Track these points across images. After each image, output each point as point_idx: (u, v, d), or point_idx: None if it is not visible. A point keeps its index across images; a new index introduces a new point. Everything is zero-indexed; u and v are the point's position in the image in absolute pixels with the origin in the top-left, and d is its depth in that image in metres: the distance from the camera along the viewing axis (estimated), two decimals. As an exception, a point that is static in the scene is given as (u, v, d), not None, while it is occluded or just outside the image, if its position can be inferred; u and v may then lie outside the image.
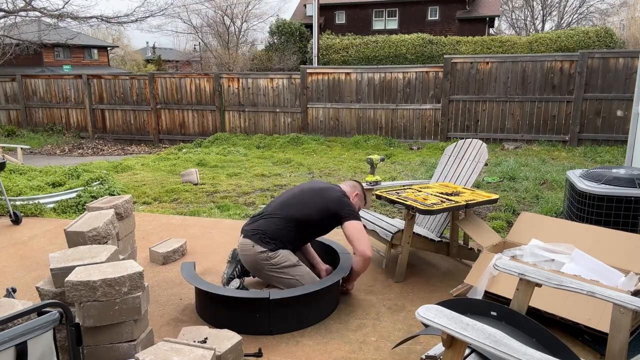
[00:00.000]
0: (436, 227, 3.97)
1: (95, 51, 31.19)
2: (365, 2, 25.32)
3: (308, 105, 11.20)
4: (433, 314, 1.65)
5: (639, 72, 4.96)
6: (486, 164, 3.97)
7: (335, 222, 3.10)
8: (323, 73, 11.08)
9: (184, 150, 10.65)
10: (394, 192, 3.60)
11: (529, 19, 35.27)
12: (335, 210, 3.05)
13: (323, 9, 23.88)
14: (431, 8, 24.81)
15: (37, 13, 15.20)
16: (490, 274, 2.94)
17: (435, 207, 3.18)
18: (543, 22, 34.74)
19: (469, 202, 3.33)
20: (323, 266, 3.30)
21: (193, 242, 4.37)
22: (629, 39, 19.09)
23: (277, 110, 11.48)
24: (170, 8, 33.61)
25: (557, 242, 3.13)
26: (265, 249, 2.97)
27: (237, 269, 3.25)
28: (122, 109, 12.76)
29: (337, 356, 2.57)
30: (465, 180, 3.93)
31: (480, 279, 2.97)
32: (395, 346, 2.32)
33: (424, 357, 2.04)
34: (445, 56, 10.27)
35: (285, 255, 3.01)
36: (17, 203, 5.36)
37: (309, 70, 11.19)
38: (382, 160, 4.38)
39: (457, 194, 3.54)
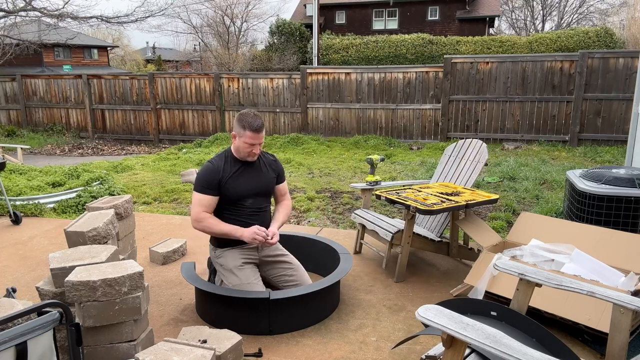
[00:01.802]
0: (436, 227, 3.97)
1: (95, 51, 31.18)
2: (365, 2, 25.31)
3: (308, 105, 11.20)
4: (433, 314, 1.65)
5: (639, 72, 4.97)
6: (486, 164, 3.97)
7: None
8: (323, 73, 11.08)
9: (184, 150, 10.65)
10: (394, 192, 3.60)
11: (529, 19, 35.30)
12: None
13: (323, 9, 23.88)
14: (431, 8, 24.81)
15: (37, 13, 15.21)
16: (491, 274, 2.94)
17: (435, 207, 3.18)
18: (543, 22, 34.76)
19: (469, 202, 3.33)
20: (271, 228, 2.99)
21: (193, 242, 4.36)
22: (629, 39, 19.07)
23: (277, 110, 11.48)
24: (170, 8, 33.58)
25: (557, 242, 3.13)
26: (212, 245, 3.09)
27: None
28: (122, 109, 12.76)
29: (337, 356, 2.57)
30: (465, 180, 3.93)
31: (481, 279, 2.97)
32: (395, 346, 2.33)
33: (424, 357, 2.04)
34: (445, 56, 10.28)
35: (226, 258, 2.96)
36: (17, 203, 5.36)
37: (309, 70, 11.19)
38: (382, 160, 4.37)
39: (457, 194, 3.54)
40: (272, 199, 3.20)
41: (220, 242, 3.02)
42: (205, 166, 2.94)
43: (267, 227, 3.04)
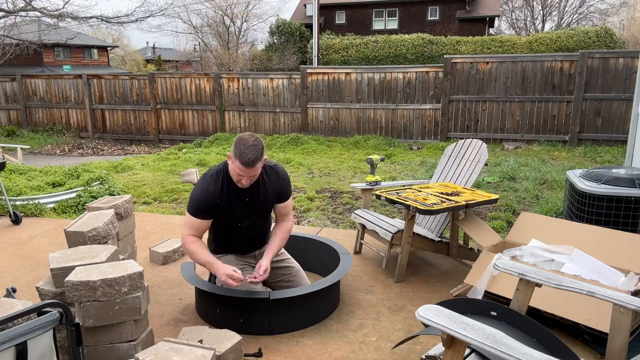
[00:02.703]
0: (436, 227, 3.97)
1: (95, 51, 31.18)
2: (365, 2, 25.32)
3: (308, 105, 11.20)
4: (433, 314, 1.65)
5: (639, 72, 4.97)
6: (486, 164, 3.97)
7: None
8: (323, 73, 11.08)
9: (184, 150, 10.65)
10: (394, 192, 3.60)
11: (529, 19, 35.31)
12: None
13: (323, 9, 23.88)
14: (431, 8, 24.81)
15: (37, 13, 15.24)
16: (491, 274, 2.94)
17: (435, 207, 3.18)
18: (543, 22, 34.77)
19: (469, 202, 3.33)
20: (262, 262, 2.77)
21: (193, 242, 4.36)
22: (629, 39, 19.07)
23: (277, 110, 11.48)
24: (170, 8, 33.64)
25: (557, 242, 3.13)
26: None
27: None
28: (122, 109, 12.76)
29: (337, 356, 2.57)
30: (465, 180, 3.93)
31: (481, 279, 2.97)
32: (395, 346, 2.33)
33: (424, 357, 2.04)
34: (445, 56, 10.27)
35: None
36: (17, 203, 5.36)
37: (309, 70, 11.19)
38: (382, 160, 4.37)
39: (457, 194, 3.54)
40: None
41: (216, 248, 2.95)
42: (200, 187, 2.73)
43: (264, 245, 2.99)
